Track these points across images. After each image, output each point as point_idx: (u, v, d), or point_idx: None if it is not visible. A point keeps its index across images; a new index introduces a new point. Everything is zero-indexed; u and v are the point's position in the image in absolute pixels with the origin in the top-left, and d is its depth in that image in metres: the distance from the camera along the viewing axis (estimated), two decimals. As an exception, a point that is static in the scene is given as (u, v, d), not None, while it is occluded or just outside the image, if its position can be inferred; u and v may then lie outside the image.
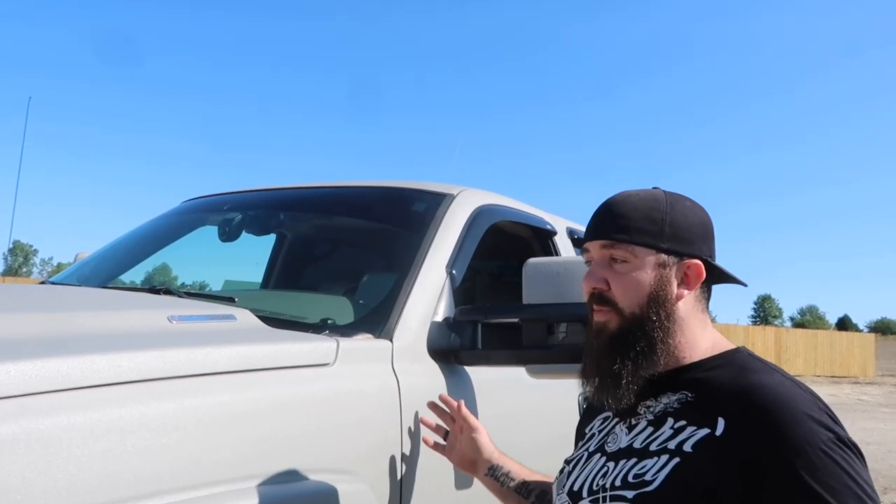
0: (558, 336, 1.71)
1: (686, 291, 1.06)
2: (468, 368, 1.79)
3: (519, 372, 1.85)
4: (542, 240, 2.55)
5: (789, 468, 0.87)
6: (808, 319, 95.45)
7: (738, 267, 1.18)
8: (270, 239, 2.96)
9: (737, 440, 0.92)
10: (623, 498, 0.98)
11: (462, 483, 1.69)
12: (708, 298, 1.10)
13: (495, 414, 1.83)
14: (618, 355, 1.04)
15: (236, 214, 2.34)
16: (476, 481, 1.72)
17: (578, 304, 1.63)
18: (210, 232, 2.46)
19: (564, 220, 2.78)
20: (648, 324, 1.04)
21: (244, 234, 2.38)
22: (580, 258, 1.74)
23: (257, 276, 2.99)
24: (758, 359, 1.04)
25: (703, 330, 1.08)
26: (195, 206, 2.60)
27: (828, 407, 0.95)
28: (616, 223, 1.07)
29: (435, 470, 1.60)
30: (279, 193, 2.46)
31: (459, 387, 1.73)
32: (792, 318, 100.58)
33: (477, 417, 1.78)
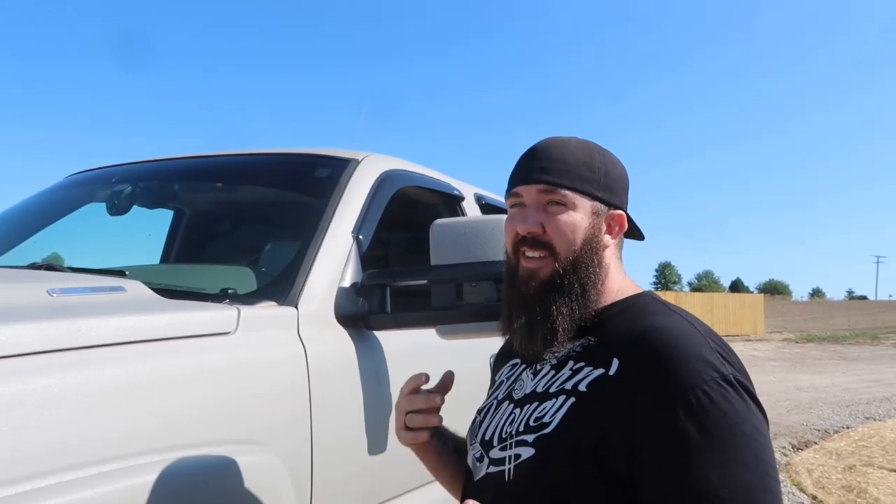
0: (466, 296, 1.71)
1: (611, 240, 1.07)
2: (378, 335, 1.76)
3: (429, 336, 1.84)
4: (449, 206, 2.54)
5: (668, 409, 0.88)
6: (704, 284, 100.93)
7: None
8: (164, 215, 2.81)
9: (627, 380, 0.93)
10: (525, 442, 0.98)
11: (375, 449, 1.67)
12: (621, 248, 1.12)
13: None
14: (552, 300, 1.02)
15: (126, 186, 2.19)
16: (390, 445, 1.71)
17: (488, 262, 1.64)
18: (99, 209, 2.31)
19: (471, 185, 2.78)
20: (583, 268, 1.03)
21: (135, 207, 2.24)
22: (487, 217, 1.74)
23: (154, 257, 2.83)
24: (660, 301, 1.05)
25: (617, 276, 1.09)
26: (81, 180, 2.43)
27: (722, 346, 0.95)
28: (555, 168, 1.05)
29: (346, 435, 1.58)
30: (173, 163, 2.32)
31: (369, 353, 1.70)
32: (690, 283, 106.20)
33: (388, 384, 1.76)
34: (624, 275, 1.10)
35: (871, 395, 9.40)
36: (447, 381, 1.22)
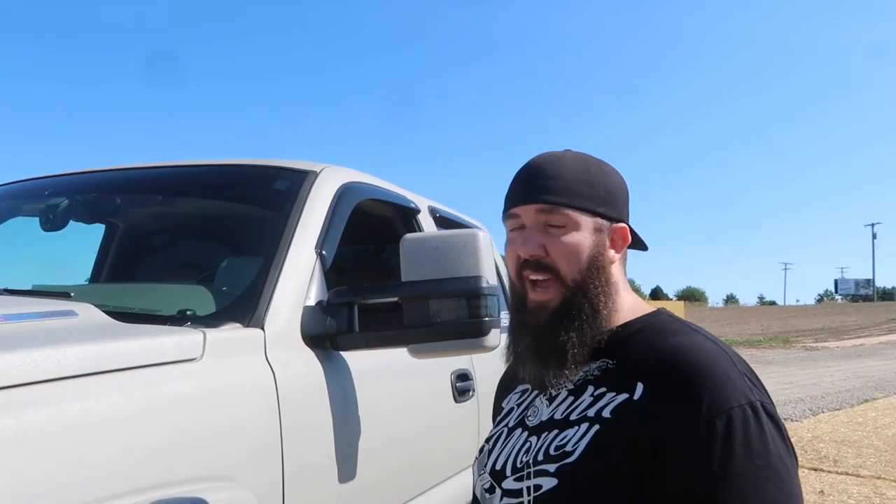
0: (435, 313, 1.65)
1: (616, 255, 1.04)
2: (345, 354, 1.68)
3: (396, 355, 1.77)
4: (405, 219, 2.48)
5: (694, 434, 0.86)
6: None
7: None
8: (99, 230, 2.62)
9: (653, 404, 0.90)
10: (546, 472, 0.93)
11: (345, 476, 1.59)
12: (625, 262, 1.09)
13: (377, 401, 1.74)
14: (562, 328, 0.98)
15: (62, 200, 2.03)
16: (359, 471, 1.63)
17: (461, 278, 1.59)
18: (25, 224, 2.13)
19: (425, 198, 2.74)
20: (591, 290, 0.99)
21: (72, 222, 2.08)
22: (459, 231, 1.69)
23: (82, 275, 2.63)
24: (677, 319, 1.03)
25: (627, 294, 1.06)
26: (4, 194, 2.23)
27: (747, 368, 0.94)
28: (553, 187, 1.01)
29: (316, 463, 1.49)
30: (115, 175, 2.16)
31: (337, 375, 1.62)
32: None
33: (356, 406, 1.69)
34: (631, 291, 1.08)
35: (787, 397, 9.83)
36: None
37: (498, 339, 1.62)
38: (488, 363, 2.49)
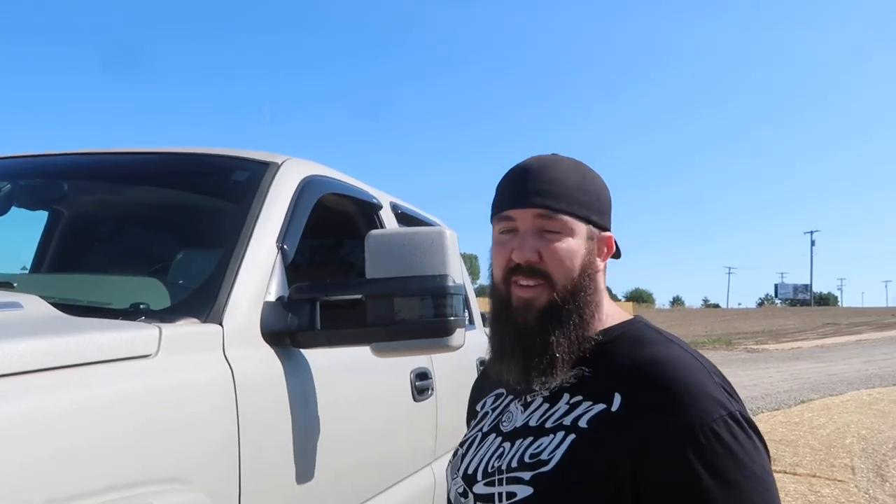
0: (400, 312, 1.62)
1: (602, 264, 1.03)
2: (305, 352, 1.63)
3: (356, 353, 1.74)
4: (367, 214, 2.44)
5: (677, 448, 0.85)
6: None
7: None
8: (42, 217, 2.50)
9: (631, 417, 0.89)
10: (520, 480, 0.92)
11: (303, 476, 1.54)
12: (606, 271, 1.08)
13: (336, 400, 1.70)
14: (550, 331, 0.96)
15: (4, 184, 1.92)
16: (317, 471, 1.59)
17: (427, 276, 1.56)
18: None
19: (387, 194, 2.70)
20: (581, 297, 0.98)
21: (14, 208, 1.97)
22: (427, 229, 1.66)
23: (19, 264, 2.50)
24: (654, 329, 1.02)
25: (607, 301, 1.05)
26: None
27: (724, 379, 0.94)
28: (552, 191, 0.99)
29: (274, 464, 1.44)
30: (62, 160, 2.05)
31: (297, 373, 1.57)
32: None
33: (316, 406, 1.64)
34: (608, 297, 1.07)
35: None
36: None
37: (463, 338, 1.60)
38: (448, 362, 2.47)
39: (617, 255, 1.12)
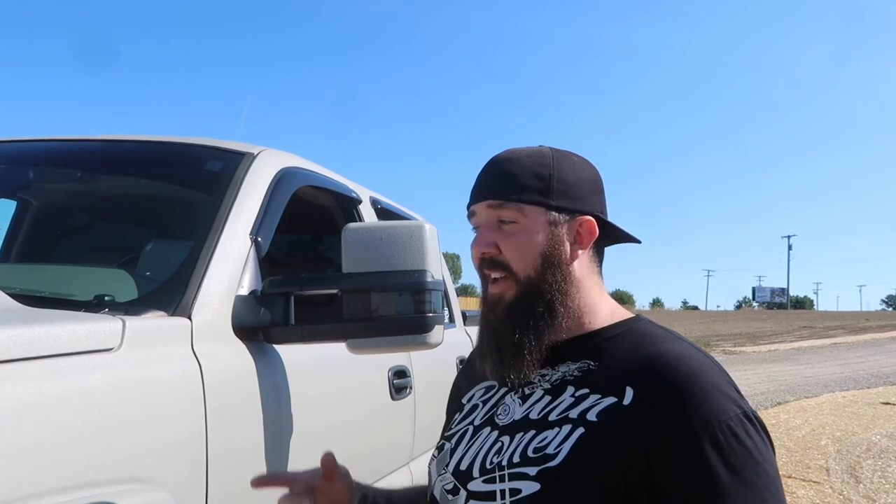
0: (377, 307, 1.57)
1: (580, 251, 0.99)
2: (278, 348, 1.58)
3: (332, 350, 1.69)
4: (346, 209, 2.39)
5: (694, 444, 0.83)
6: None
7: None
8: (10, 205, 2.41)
9: (645, 411, 0.86)
10: (525, 475, 0.88)
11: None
12: (601, 260, 1.04)
13: (310, 398, 1.65)
14: (517, 325, 0.95)
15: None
16: (289, 470, 1.54)
17: (406, 271, 1.51)
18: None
19: (367, 189, 2.65)
20: (545, 287, 0.96)
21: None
22: (405, 222, 1.62)
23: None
24: (659, 326, 0.99)
25: (601, 294, 1.02)
26: None
27: (731, 378, 0.92)
28: (502, 182, 0.98)
29: (245, 462, 1.39)
30: (28, 146, 1.98)
31: (269, 369, 1.52)
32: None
33: (289, 403, 1.59)
34: (607, 293, 1.03)
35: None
36: (328, 467, 1.06)
37: (442, 335, 1.55)
38: (427, 360, 2.43)
39: (629, 240, 1.08)
